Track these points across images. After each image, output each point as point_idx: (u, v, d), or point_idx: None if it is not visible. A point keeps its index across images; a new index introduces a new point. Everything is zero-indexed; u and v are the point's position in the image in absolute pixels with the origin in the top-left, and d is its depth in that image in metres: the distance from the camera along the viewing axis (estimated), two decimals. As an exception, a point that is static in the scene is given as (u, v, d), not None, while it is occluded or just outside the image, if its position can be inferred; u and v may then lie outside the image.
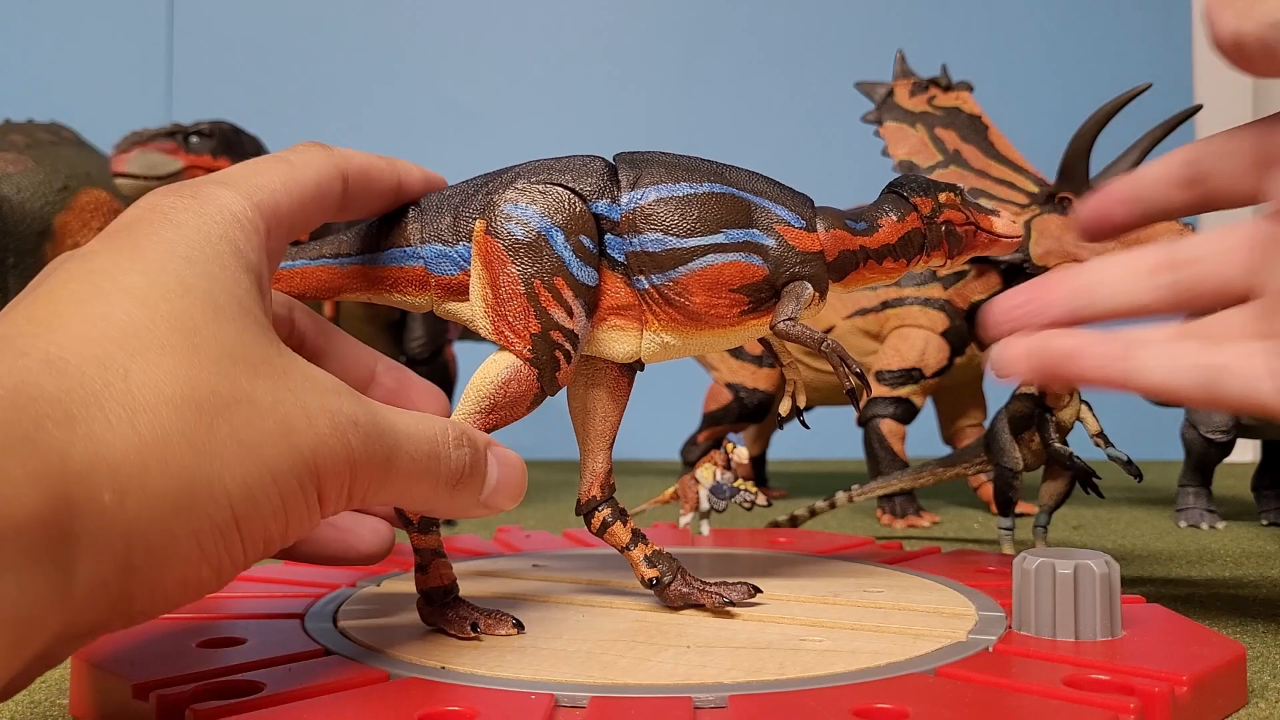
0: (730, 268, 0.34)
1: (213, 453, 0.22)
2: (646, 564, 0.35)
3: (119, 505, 0.20)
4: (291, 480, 0.24)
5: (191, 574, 0.22)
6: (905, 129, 0.79)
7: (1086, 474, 0.48)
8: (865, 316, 0.78)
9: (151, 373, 0.22)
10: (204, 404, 0.22)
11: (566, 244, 0.33)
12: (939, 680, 0.27)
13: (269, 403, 0.24)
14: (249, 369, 0.24)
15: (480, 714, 0.24)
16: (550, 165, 0.34)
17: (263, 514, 0.23)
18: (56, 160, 0.76)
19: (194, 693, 0.26)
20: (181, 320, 0.23)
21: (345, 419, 0.25)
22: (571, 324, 0.33)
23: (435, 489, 0.28)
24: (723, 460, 0.54)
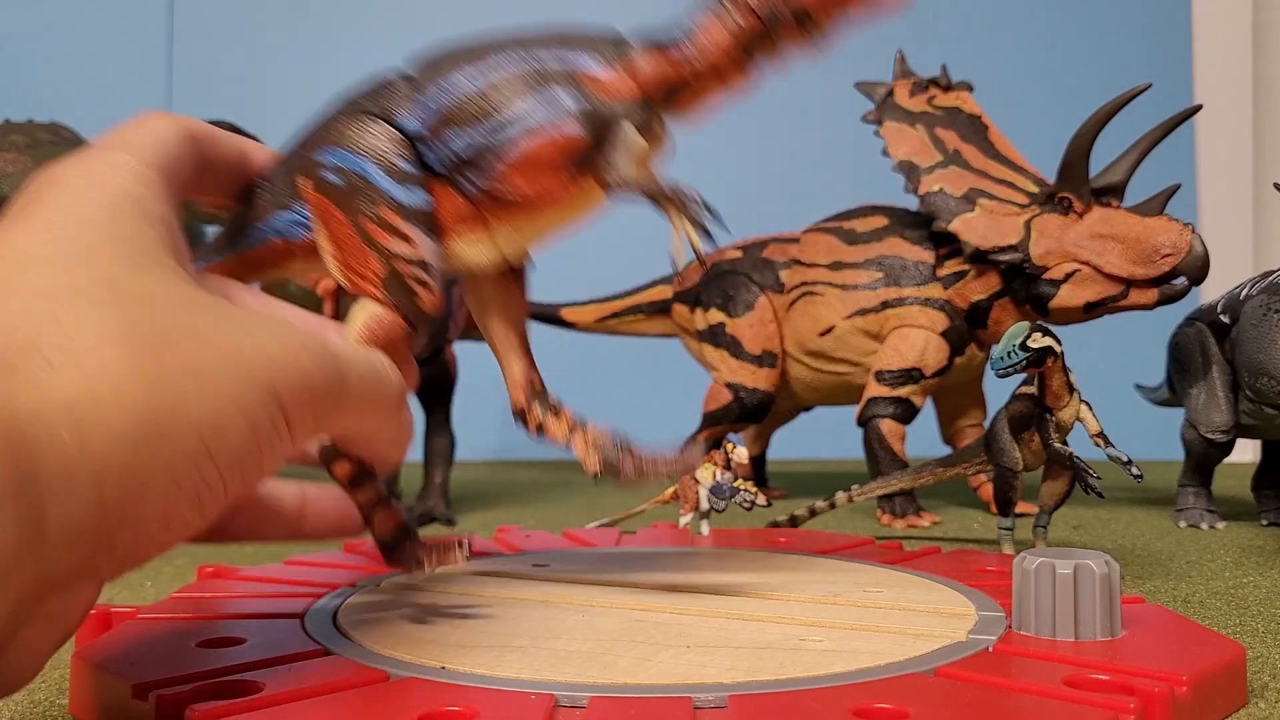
0: (541, 145, 0.31)
1: (168, 381, 0.22)
2: (592, 454, 0.35)
3: (81, 444, 0.20)
4: (255, 404, 0.23)
5: (171, 508, 0.22)
6: (905, 129, 0.79)
7: (1086, 474, 0.48)
8: (865, 316, 0.78)
9: (85, 318, 0.22)
10: (146, 338, 0.22)
11: (382, 173, 0.32)
12: (939, 680, 0.27)
13: (212, 331, 0.23)
14: (183, 306, 0.24)
15: (480, 714, 0.24)
16: (350, 98, 0.33)
17: (233, 440, 0.23)
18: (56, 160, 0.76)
19: (194, 693, 0.26)
20: (99, 275, 0.23)
21: (295, 342, 0.25)
22: (415, 251, 0.32)
23: (383, 413, 0.28)
24: (723, 460, 0.54)
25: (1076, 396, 0.49)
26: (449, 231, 0.33)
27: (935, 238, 0.77)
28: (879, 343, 0.79)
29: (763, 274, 0.85)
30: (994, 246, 0.71)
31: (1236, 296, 0.67)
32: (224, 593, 0.38)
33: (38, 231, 0.24)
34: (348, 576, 0.41)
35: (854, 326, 0.79)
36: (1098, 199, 0.69)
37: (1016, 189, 0.74)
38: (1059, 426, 0.49)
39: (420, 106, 0.32)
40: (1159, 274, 0.66)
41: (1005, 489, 0.52)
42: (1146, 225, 0.67)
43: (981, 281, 0.74)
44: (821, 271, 0.81)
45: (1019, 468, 0.51)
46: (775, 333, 0.84)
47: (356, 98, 0.33)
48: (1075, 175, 0.69)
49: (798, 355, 0.83)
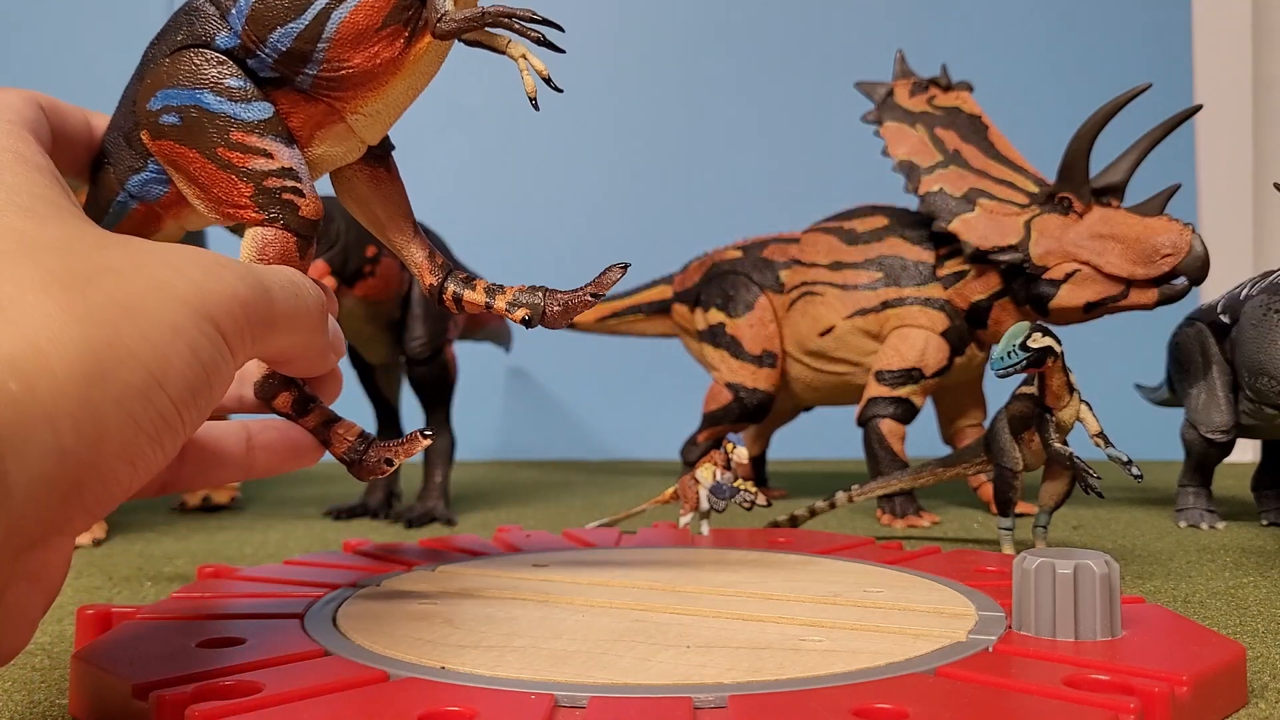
0: (360, 11, 0.31)
1: (99, 319, 0.22)
2: (513, 307, 0.35)
3: (29, 392, 0.20)
4: (191, 328, 0.23)
5: (131, 445, 0.22)
6: (905, 129, 0.79)
7: (1086, 474, 0.48)
8: (865, 316, 0.78)
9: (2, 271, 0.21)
10: (67, 281, 0.22)
11: (218, 97, 0.31)
12: (939, 680, 0.27)
13: (130, 267, 0.23)
14: (93, 245, 0.23)
15: (480, 714, 0.24)
16: (161, 35, 0.33)
17: (178, 368, 0.23)
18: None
19: (194, 693, 0.26)
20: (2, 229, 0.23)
21: (215, 264, 0.25)
22: (277, 162, 0.31)
23: (310, 329, 0.28)
24: (723, 460, 0.54)
25: (1076, 396, 0.49)
26: (302, 135, 0.32)
27: (935, 238, 0.77)
28: (879, 343, 0.79)
29: (763, 274, 0.85)
30: (994, 246, 0.71)
31: (1236, 296, 0.67)
32: (224, 593, 0.38)
33: None
34: (348, 576, 0.41)
35: (854, 326, 0.79)
36: (1098, 199, 0.69)
37: (1016, 189, 0.74)
38: (1059, 426, 0.49)
39: (231, 20, 0.31)
40: (1159, 274, 0.66)
41: (1005, 489, 0.52)
42: (1146, 225, 0.67)
43: (981, 281, 0.74)
44: (821, 271, 0.81)
45: (1019, 468, 0.51)
46: (775, 333, 0.84)
47: (166, 33, 0.32)
48: (1075, 175, 0.69)
49: (798, 355, 0.83)
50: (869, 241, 0.80)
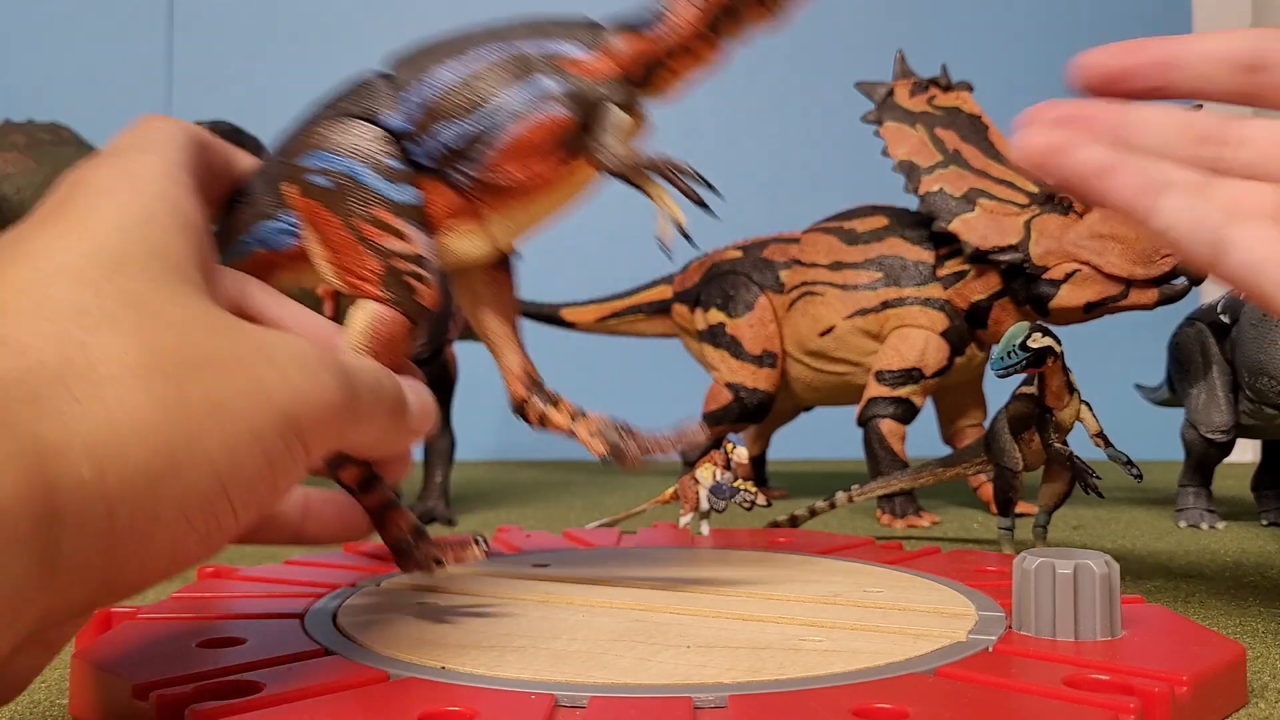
0: (531, 129, 0.32)
1: (188, 417, 0.22)
2: (597, 439, 0.35)
3: (99, 479, 0.20)
4: (274, 436, 0.23)
5: (179, 545, 0.22)
6: (905, 129, 0.79)
7: (1086, 474, 0.48)
8: (865, 316, 0.78)
9: (110, 346, 0.21)
10: (169, 369, 0.22)
11: (372, 172, 0.32)
12: (939, 680, 0.27)
13: (234, 360, 0.23)
14: (206, 329, 0.23)
15: (480, 714, 0.24)
16: (330, 101, 0.33)
17: (249, 476, 0.23)
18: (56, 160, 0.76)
19: (194, 693, 0.26)
20: (126, 295, 0.23)
21: (315, 363, 0.25)
22: (410, 247, 0.32)
23: (387, 421, 0.28)
24: (723, 460, 0.54)
25: (1076, 396, 0.49)
26: (442, 226, 0.33)
27: (935, 238, 0.77)
28: (879, 343, 0.79)
29: (763, 274, 0.85)
30: (994, 246, 0.71)
31: (1237, 296, 0.67)
32: (224, 593, 0.38)
33: (70, 237, 0.24)
34: (348, 576, 0.41)
35: (854, 326, 0.79)
36: (1098, 199, 0.69)
37: (1016, 189, 0.74)
38: (1059, 426, 0.49)
39: (403, 103, 0.32)
40: (1159, 274, 0.66)
41: (1005, 489, 0.52)
42: (1146, 225, 0.67)
43: (981, 281, 0.74)
44: (821, 271, 0.81)
45: (1019, 468, 0.51)
46: (775, 333, 0.84)
47: (336, 100, 0.33)
48: (1075, 175, 0.69)
49: (798, 355, 0.83)
50: (869, 241, 0.80)
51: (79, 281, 0.23)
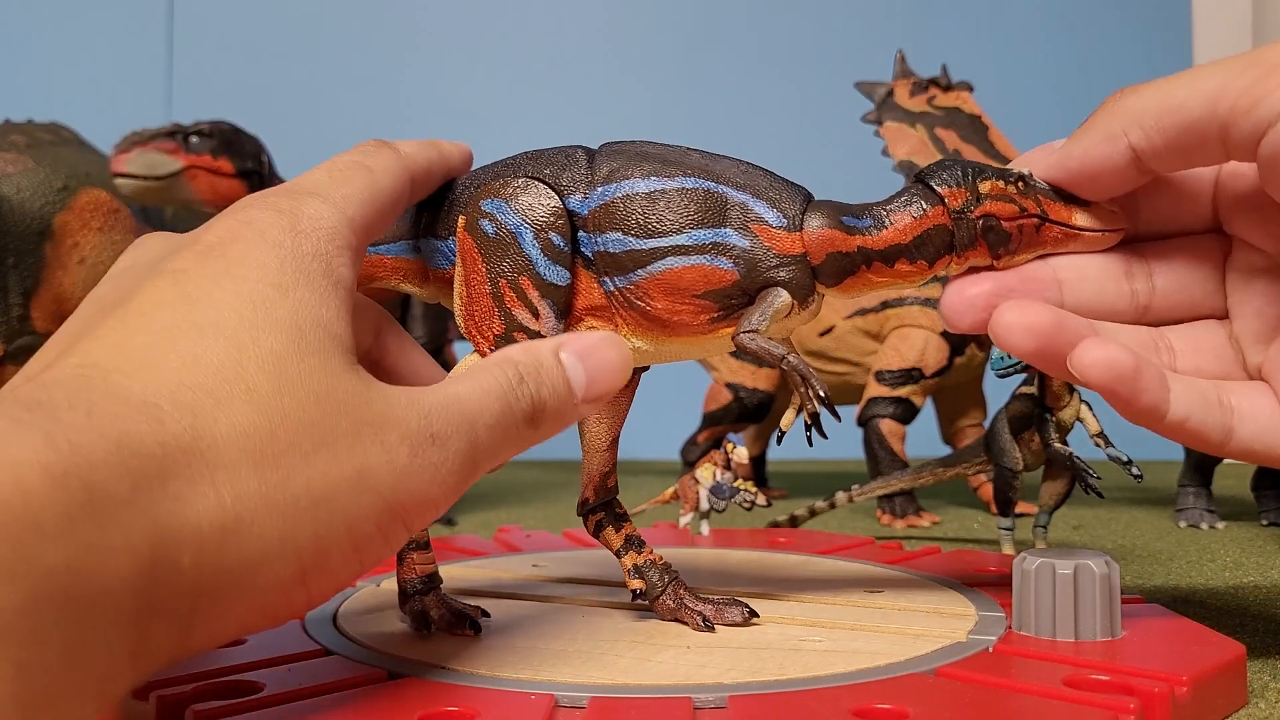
0: (692, 271, 0.31)
1: (286, 512, 0.22)
2: (634, 574, 0.34)
3: (195, 568, 0.21)
4: (368, 526, 0.23)
5: (248, 622, 0.22)
6: (905, 129, 0.79)
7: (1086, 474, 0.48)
8: (865, 316, 0.78)
9: (237, 424, 0.22)
10: (280, 457, 0.22)
11: (535, 242, 0.31)
12: (939, 680, 0.27)
13: (347, 447, 0.23)
14: (333, 410, 0.23)
15: (480, 714, 0.24)
16: (536, 156, 0.33)
17: (332, 564, 0.23)
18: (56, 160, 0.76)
19: (194, 693, 0.26)
20: (269, 360, 0.23)
21: (426, 444, 0.25)
22: (537, 325, 0.32)
23: (519, 435, 0.27)
24: (723, 460, 0.54)
25: (1076, 396, 0.49)
26: (578, 317, 0.33)
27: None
28: (879, 343, 0.79)
29: (763, 274, 0.85)
30: (994, 246, 0.71)
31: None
32: (224, 593, 0.38)
33: (226, 286, 0.24)
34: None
35: (854, 326, 0.79)
36: (1098, 199, 0.69)
37: (1016, 189, 0.74)
38: (1059, 426, 0.49)
39: (592, 190, 0.32)
40: (1159, 274, 0.66)
41: (1005, 489, 0.52)
42: (1146, 225, 0.67)
43: (981, 281, 0.74)
44: (821, 271, 0.81)
45: (1019, 468, 0.51)
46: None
47: (539, 157, 0.33)
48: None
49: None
50: (869, 241, 0.80)
51: (228, 339, 0.23)
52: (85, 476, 0.19)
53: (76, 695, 0.18)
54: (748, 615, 0.32)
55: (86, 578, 0.18)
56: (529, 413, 0.27)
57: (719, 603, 0.33)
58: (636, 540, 0.34)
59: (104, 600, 0.19)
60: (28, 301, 0.71)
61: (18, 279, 0.71)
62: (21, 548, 0.17)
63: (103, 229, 0.76)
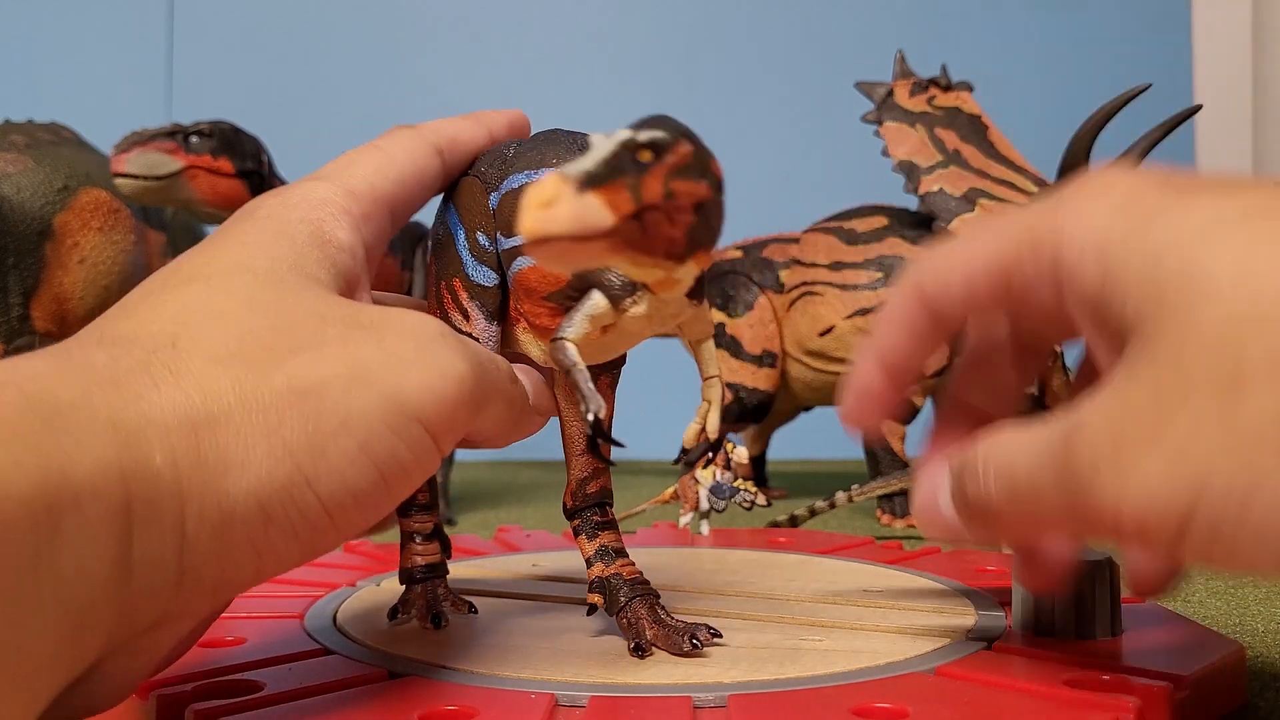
0: (534, 272, 0.29)
1: (265, 405, 0.21)
2: (594, 587, 0.31)
3: (170, 468, 0.19)
4: (370, 421, 0.22)
5: (261, 543, 0.21)
6: (905, 129, 0.79)
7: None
8: (865, 316, 0.78)
9: (200, 339, 0.21)
10: (255, 359, 0.21)
11: (465, 242, 0.31)
12: (939, 680, 0.27)
13: (336, 345, 0.22)
14: (313, 318, 0.23)
15: (480, 714, 0.24)
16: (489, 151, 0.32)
17: (337, 464, 0.21)
18: (56, 160, 0.76)
19: (194, 692, 0.26)
20: (240, 292, 0.23)
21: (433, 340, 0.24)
22: (468, 327, 0.30)
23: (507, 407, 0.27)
24: (723, 460, 0.54)
25: (1076, 396, 0.49)
26: (513, 320, 0.31)
27: (935, 238, 0.77)
28: (879, 343, 0.79)
29: (763, 274, 0.85)
30: (994, 246, 0.71)
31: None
32: (224, 592, 0.38)
33: (208, 253, 0.25)
34: (348, 576, 0.41)
35: (854, 326, 0.79)
36: (1098, 199, 0.69)
37: (1016, 189, 0.74)
38: (1059, 426, 0.49)
39: (499, 186, 0.30)
40: (1159, 274, 0.66)
41: (1005, 489, 0.52)
42: (1146, 225, 0.67)
43: (981, 281, 0.74)
44: (821, 271, 0.81)
45: (1019, 468, 0.51)
46: (775, 333, 0.84)
47: (482, 159, 0.32)
48: (1075, 175, 0.69)
49: (798, 355, 0.83)
50: (869, 241, 0.80)
51: (199, 282, 0.23)
52: (21, 387, 0.18)
53: (46, 613, 0.17)
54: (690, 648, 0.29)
55: (44, 477, 0.17)
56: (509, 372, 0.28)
57: (677, 628, 0.30)
58: (610, 551, 0.32)
59: (69, 500, 0.17)
60: (28, 301, 0.71)
61: (18, 279, 0.71)
62: None
63: (103, 229, 0.76)
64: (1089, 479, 0.20)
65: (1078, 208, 0.23)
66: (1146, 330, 0.20)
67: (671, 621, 0.30)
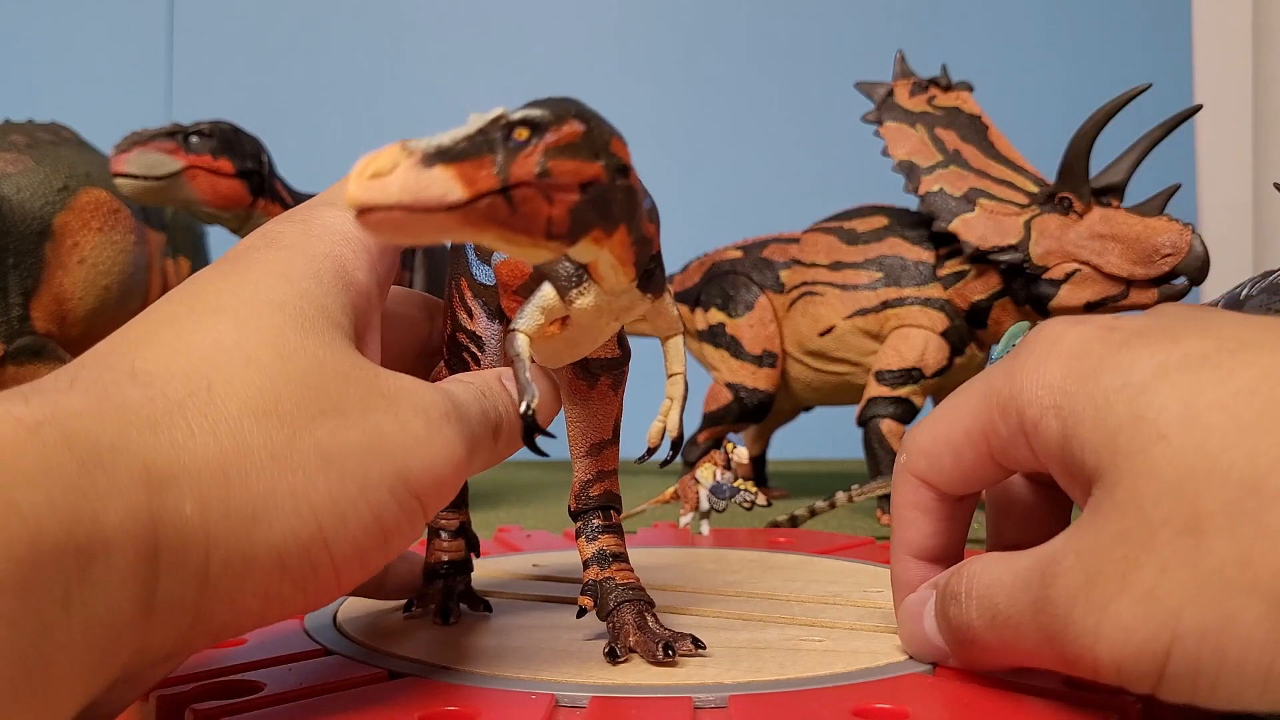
0: (506, 266, 0.29)
1: (295, 465, 0.22)
2: (585, 589, 0.31)
3: (200, 517, 0.20)
4: (384, 493, 0.23)
5: (273, 591, 0.22)
6: (905, 129, 0.79)
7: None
8: (865, 316, 0.78)
9: (235, 385, 0.22)
10: (286, 416, 0.22)
11: (471, 245, 0.31)
12: (939, 680, 0.27)
13: (358, 412, 0.23)
14: (338, 378, 0.24)
15: (480, 714, 0.24)
16: None
17: (352, 529, 0.23)
18: (56, 160, 0.76)
19: (194, 692, 0.26)
20: (270, 334, 0.23)
21: (439, 416, 0.25)
22: (472, 325, 0.32)
23: (490, 442, 0.28)
24: (723, 460, 0.54)
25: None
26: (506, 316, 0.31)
27: (935, 238, 0.77)
28: (879, 343, 0.79)
29: (763, 274, 0.85)
30: (994, 246, 0.71)
31: (1236, 296, 0.67)
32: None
33: (232, 279, 0.25)
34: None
35: (854, 326, 0.79)
36: (1098, 199, 0.69)
37: (1016, 189, 0.74)
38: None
39: None
40: (1159, 274, 0.66)
41: (1005, 489, 0.52)
42: (1147, 225, 0.67)
43: (981, 282, 0.74)
44: (821, 271, 0.81)
45: (1019, 468, 0.51)
46: (775, 333, 0.84)
47: None
48: (1075, 175, 0.69)
49: (798, 355, 0.83)
50: (869, 241, 0.80)
51: (228, 318, 0.23)
52: (63, 425, 0.19)
53: (73, 650, 0.18)
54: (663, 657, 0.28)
55: (77, 521, 0.18)
56: (494, 423, 0.28)
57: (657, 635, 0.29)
58: (607, 556, 0.32)
59: (100, 545, 0.18)
60: (28, 301, 0.71)
61: (18, 279, 0.71)
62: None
63: (103, 229, 0.76)
64: (1065, 614, 0.22)
65: (1032, 368, 0.24)
66: (1106, 474, 0.22)
67: (656, 629, 0.30)
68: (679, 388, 0.30)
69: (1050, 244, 0.69)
